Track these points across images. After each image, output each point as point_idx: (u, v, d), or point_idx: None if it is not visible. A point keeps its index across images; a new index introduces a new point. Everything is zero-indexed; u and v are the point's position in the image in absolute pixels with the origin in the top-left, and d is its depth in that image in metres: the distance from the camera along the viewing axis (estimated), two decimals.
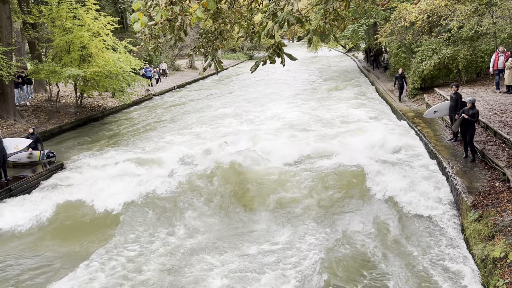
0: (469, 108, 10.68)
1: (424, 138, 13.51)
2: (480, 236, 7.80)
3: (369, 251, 8.48)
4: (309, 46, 7.00)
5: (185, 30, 6.26)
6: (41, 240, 9.83)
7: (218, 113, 21.68)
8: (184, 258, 8.62)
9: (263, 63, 6.37)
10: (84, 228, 10.26)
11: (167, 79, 37.50)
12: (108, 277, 8.07)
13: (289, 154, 13.87)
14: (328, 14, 6.57)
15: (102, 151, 15.60)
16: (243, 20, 7.86)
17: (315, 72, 38.74)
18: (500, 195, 8.75)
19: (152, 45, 7.39)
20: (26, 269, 8.61)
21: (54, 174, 13.21)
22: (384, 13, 25.51)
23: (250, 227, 9.99)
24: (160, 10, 5.65)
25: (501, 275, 6.63)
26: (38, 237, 9.94)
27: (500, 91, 16.57)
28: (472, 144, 10.94)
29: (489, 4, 17.18)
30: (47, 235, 10.03)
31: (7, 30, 18.97)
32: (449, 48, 19.15)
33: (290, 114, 20.26)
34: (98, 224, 10.36)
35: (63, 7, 20.22)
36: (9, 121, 18.74)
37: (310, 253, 8.51)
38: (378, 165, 12.04)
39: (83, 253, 9.07)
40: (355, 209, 10.33)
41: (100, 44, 20.85)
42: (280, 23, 5.96)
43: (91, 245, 9.39)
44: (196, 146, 15.11)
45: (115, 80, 21.53)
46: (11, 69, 18.11)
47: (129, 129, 19.97)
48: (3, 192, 11.47)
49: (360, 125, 16.63)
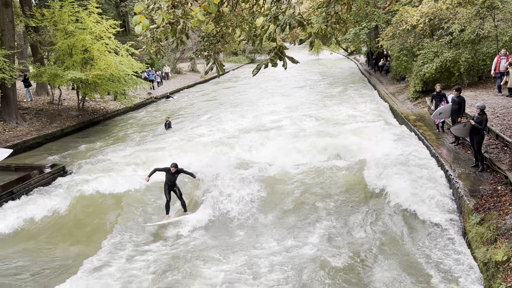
0: (478, 114, 10.15)
1: (426, 141, 13.49)
2: (483, 240, 7.77)
3: (370, 253, 8.46)
4: (310, 49, 6.99)
5: (187, 33, 6.26)
6: (41, 241, 9.83)
7: (222, 116, 21.66)
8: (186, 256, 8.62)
9: (265, 66, 6.37)
10: (84, 228, 10.27)
11: (169, 82, 37.58)
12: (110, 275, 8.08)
13: (290, 157, 13.90)
14: (330, 17, 6.58)
15: (104, 154, 15.61)
16: (244, 23, 7.87)
17: (316, 75, 38.77)
18: (503, 198, 8.73)
19: (154, 48, 7.39)
20: (26, 269, 8.61)
21: (56, 177, 13.21)
22: (385, 16, 25.54)
23: (250, 228, 10.00)
24: (162, 13, 5.66)
25: (503, 278, 6.60)
26: (39, 239, 9.95)
27: (502, 94, 16.54)
28: (480, 152, 10.47)
29: (491, 7, 17.19)
30: (47, 237, 10.04)
31: (10, 34, 19.06)
32: (451, 51, 19.14)
33: (291, 114, 20.25)
34: (98, 224, 10.37)
35: (65, 10, 20.31)
36: (12, 124, 18.79)
37: (310, 253, 8.49)
38: (379, 168, 12.02)
39: (84, 253, 9.08)
40: (356, 211, 10.31)
41: (102, 47, 20.93)
42: (282, 26, 5.97)
43: (93, 247, 9.40)
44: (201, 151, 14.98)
45: (117, 83, 21.60)
46: (13, 73, 18.17)
47: (131, 132, 19.98)
48: (4, 195, 11.49)
49: (360, 128, 16.59)
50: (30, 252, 9.43)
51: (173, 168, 10.36)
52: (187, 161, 13.12)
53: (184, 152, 14.65)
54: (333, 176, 12.12)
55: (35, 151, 17.32)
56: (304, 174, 12.62)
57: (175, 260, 8.64)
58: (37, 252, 9.45)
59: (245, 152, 14.82)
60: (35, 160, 15.67)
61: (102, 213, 10.80)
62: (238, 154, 14.45)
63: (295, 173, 12.80)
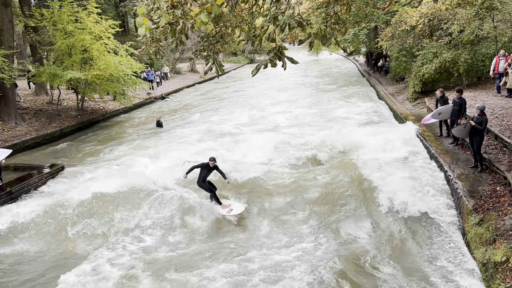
0: (478, 115, 10.12)
1: (425, 141, 13.50)
2: (481, 240, 7.77)
3: (368, 253, 8.45)
4: (310, 49, 6.99)
5: (186, 34, 6.27)
6: (41, 241, 9.82)
7: (225, 116, 21.67)
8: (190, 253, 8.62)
9: (264, 66, 6.37)
10: (84, 229, 10.25)
11: (168, 82, 37.57)
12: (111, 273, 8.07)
13: (291, 157, 13.90)
14: (329, 17, 6.58)
15: (103, 154, 15.60)
16: (244, 23, 7.88)
17: (316, 75, 38.78)
18: (502, 199, 8.73)
19: (154, 49, 7.40)
20: (25, 270, 8.60)
21: (55, 177, 13.19)
22: (385, 16, 25.56)
23: (250, 230, 9.99)
24: (163, 14, 5.66)
25: (502, 279, 6.61)
26: (38, 239, 9.93)
27: (501, 95, 16.56)
28: (480, 153, 10.46)
29: (490, 8, 17.20)
30: (46, 237, 10.03)
31: (9, 33, 19.04)
32: (450, 52, 19.16)
33: (291, 116, 20.27)
34: (98, 225, 10.34)
35: (64, 10, 20.30)
36: (11, 124, 18.77)
37: (310, 254, 8.50)
38: (379, 168, 12.03)
39: (84, 253, 9.08)
40: (356, 212, 10.30)
41: (102, 48, 20.93)
42: (281, 27, 5.97)
43: (92, 246, 9.40)
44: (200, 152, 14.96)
45: (116, 83, 21.59)
46: (12, 72, 18.15)
47: (130, 132, 19.97)
48: (3, 195, 11.47)
49: (360, 128, 16.62)
50: (29, 252, 9.42)
51: (211, 162, 10.33)
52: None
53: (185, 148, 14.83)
54: (330, 176, 12.11)
55: (34, 151, 17.30)
56: (301, 173, 12.62)
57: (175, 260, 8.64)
58: (36, 251, 9.44)
59: (231, 153, 14.77)
60: (34, 160, 15.65)
61: (101, 212, 10.78)
62: (222, 154, 14.35)
63: (294, 172, 12.80)
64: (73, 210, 10.88)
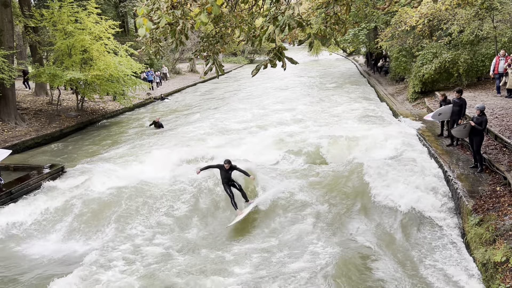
0: (478, 115, 10.09)
1: (425, 142, 13.50)
2: (481, 240, 7.77)
3: (369, 254, 8.45)
4: (310, 50, 6.99)
5: (186, 34, 6.27)
6: (40, 241, 9.82)
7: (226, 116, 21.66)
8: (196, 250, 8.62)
9: (264, 66, 6.38)
10: (84, 229, 10.26)
11: (168, 83, 37.58)
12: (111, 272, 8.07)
13: (290, 159, 13.91)
14: (329, 18, 6.58)
15: (103, 155, 15.60)
16: (244, 24, 7.88)
17: (316, 75, 38.78)
18: (501, 199, 8.74)
19: (153, 49, 7.40)
20: (25, 270, 8.60)
21: (55, 177, 13.19)
22: (384, 17, 25.58)
23: (249, 229, 10.00)
24: (163, 14, 5.67)
25: (502, 279, 6.61)
26: (37, 239, 9.94)
27: (501, 95, 16.57)
28: (479, 153, 10.44)
29: (490, 8, 17.22)
30: (46, 237, 10.04)
31: (9, 34, 19.04)
32: (450, 52, 19.17)
33: (291, 117, 20.25)
34: (97, 224, 10.36)
35: (64, 10, 20.31)
36: (10, 124, 18.78)
37: (309, 255, 8.50)
38: (378, 169, 12.00)
39: (83, 252, 9.07)
40: (356, 213, 10.31)
41: (101, 48, 20.93)
42: (281, 27, 5.97)
43: (92, 246, 9.40)
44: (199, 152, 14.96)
45: (116, 84, 21.60)
46: (12, 73, 18.16)
47: (130, 132, 19.97)
48: (3, 196, 11.47)
49: (360, 129, 16.60)
50: (29, 252, 9.42)
51: (226, 165, 10.33)
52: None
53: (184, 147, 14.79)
54: (330, 177, 12.12)
55: (34, 151, 17.29)
56: (300, 173, 12.63)
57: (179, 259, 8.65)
58: (36, 251, 9.44)
59: (234, 150, 14.77)
60: (34, 160, 15.65)
61: (101, 212, 10.78)
62: (226, 151, 14.36)
63: (294, 171, 12.80)
64: (73, 210, 10.89)
